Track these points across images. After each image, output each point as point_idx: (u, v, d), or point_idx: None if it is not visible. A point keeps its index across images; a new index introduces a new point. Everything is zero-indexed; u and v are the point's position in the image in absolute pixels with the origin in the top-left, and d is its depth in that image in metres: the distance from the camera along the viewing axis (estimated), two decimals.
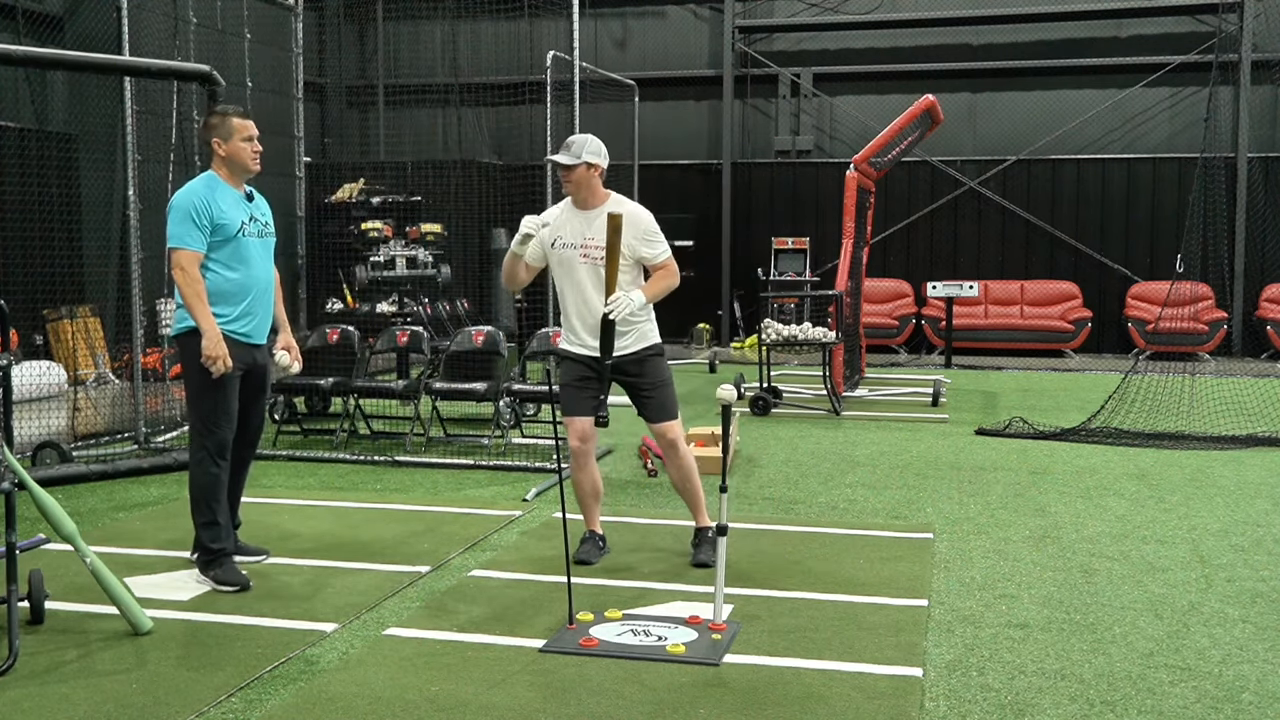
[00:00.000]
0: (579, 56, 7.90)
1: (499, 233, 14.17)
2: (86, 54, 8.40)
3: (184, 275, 4.90)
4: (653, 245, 5.23)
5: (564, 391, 5.31)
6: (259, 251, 5.13)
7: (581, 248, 5.18)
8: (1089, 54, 15.68)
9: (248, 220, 5.07)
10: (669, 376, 5.38)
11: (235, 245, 5.00)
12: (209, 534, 5.03)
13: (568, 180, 5.18)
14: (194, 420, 5.07)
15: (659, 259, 5.25)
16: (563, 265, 5.24)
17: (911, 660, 4.12)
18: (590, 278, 5.16)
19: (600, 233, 5.09)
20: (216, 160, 5.10)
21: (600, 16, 16.91)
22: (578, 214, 5.24)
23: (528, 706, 3.72)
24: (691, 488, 5.40)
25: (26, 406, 8.88)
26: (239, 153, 5.06)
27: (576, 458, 5.36)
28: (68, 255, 10.21)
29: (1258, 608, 4.76)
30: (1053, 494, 6.94)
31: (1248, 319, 14.99)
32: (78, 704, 3.74)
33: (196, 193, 4.96)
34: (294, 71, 10.20)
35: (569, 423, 5.32)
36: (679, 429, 5.36)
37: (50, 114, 11.87)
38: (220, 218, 4.95)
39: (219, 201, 4.98)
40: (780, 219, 16.31)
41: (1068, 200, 15.81)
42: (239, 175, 5.12)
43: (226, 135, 5.04)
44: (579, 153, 5.13)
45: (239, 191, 5.12)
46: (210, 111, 5.19)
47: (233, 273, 5.01)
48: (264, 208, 5.26)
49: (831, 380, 10.35)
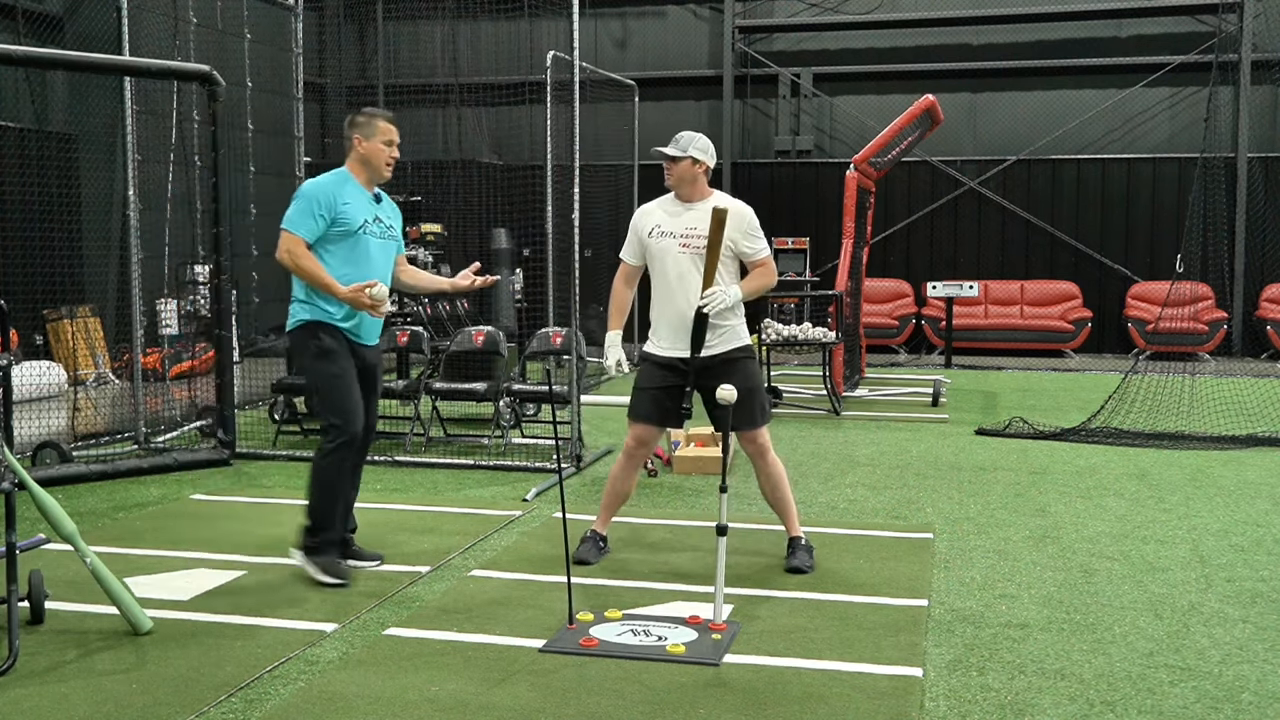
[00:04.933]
0: (579, 56, 7.89)
1: (499, 233, 14.18)
2: (86, 54, 8.40)
3: (290, 256, 4.95)
4: (754, 241, 5.20)
5: (637, 394, 5.26)
6: (378, 253, 5.13)
7: (681, 237, 5.13)
8: (1089, 54, 15.68)
9: (371, 220, 5.08)
10: (758, 382, 5.28)
11: (354, 242, 5.02)
12: (324, 521, 5.06)
13: (670, 173, 5.18)
14: (323, 413, 5.12)
15: (758, 255, 5.21)
16: (659, 256, 5.19)
17: (911, 660, 4.12)
18: (687, 269, 5.11)
19: (700, 223, 5.08)
20: (352, 156, 5.11)
21: (600, 16, 16.91)
22: (678, 205, 5.22)
23: (528, 706, 3.72)
24: (782, 495, 5.31)
25: (26, 406, 8.88)
26: (376, 154, 5.07)
27: (626, 456, 5.34)
28: (68, 255, 10.21)
29: (1258, 608, 4.76)
30: (1053, 494, 6.94)
31: (1248, 319, 14.98)
32: (78, 704, 3.74)
33: (324, 185, 5.01)
34: (294, 71, 10.19)
35: (632, 425, 5.28)
36: (767, 435, 5.24)
37: (50, 114, 11.87)
38: (343, 212, 4.98)
39: (345, 196, 5.01)
40: (780, 219, 16.30)
41: (1068, 200, 15.81)
42: (371, 176, 5.12)
43: (369, 134, 5.06)
44: (686, 147, 5.14)
45: (368, 191, 5.13)
46: (359, 109, 5.19)
47: (347, 268, 5.01)
48: (391, 211, 5.27)
49: (831, 380, 10.34)
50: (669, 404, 5.19)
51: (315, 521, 5.10)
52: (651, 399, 5.21)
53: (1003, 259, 16.02)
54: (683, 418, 5.18)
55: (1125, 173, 15.62)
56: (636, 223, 5.31)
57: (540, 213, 8.03)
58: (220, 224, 7.75)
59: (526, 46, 16.26)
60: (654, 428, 5.27)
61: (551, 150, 8.17)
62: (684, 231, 5.14)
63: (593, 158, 13.41)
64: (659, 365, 5.21)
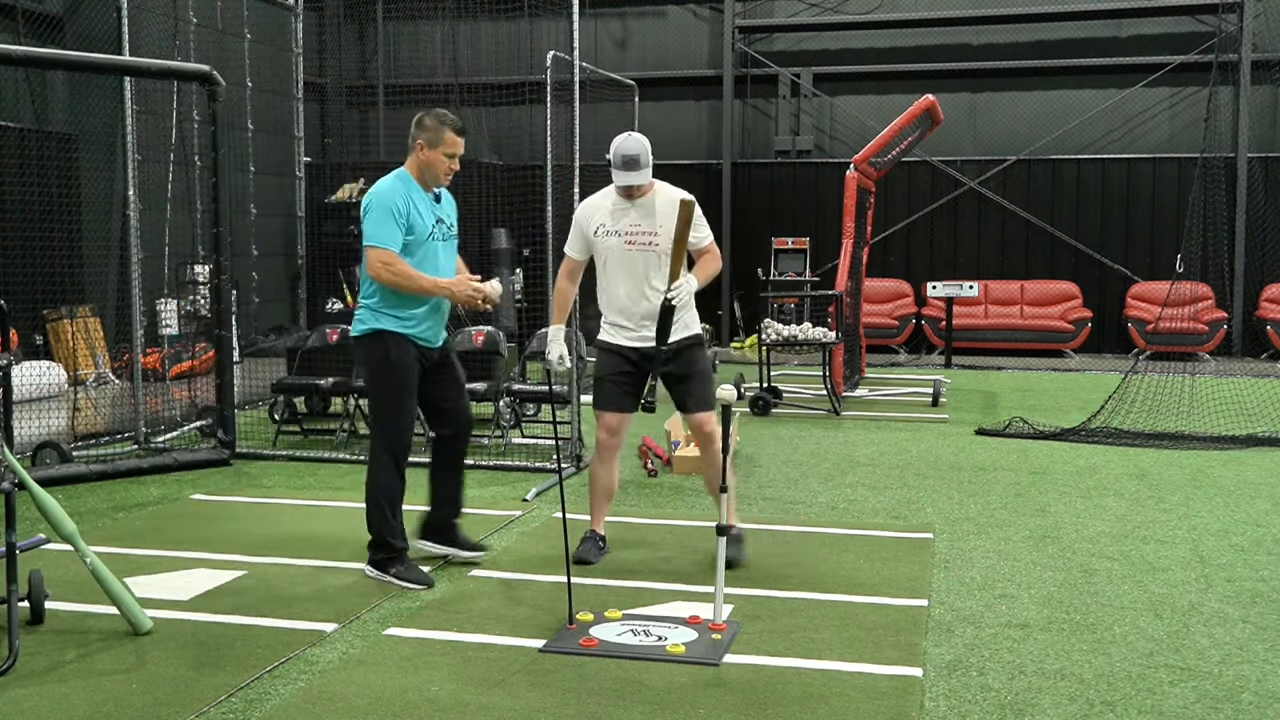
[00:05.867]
0: (579, 56, 7.89)
1: (499, 233, 14.17)
2: (86, 54, 8.40)
3: (387, 270, 4.88)
4: (700, 229, 5.23)
5: (599, 385, 5.30)
6: (444, 255, 5.12)
7: (627, 235, 5.16)
8: (1089, 54, 15.68)
9: (435, 224, 5.07)
10: (708, 368, 5.38)
11: (424, 249, 4.99)
12: (387, 531, 5.07)
13: (637, 193, 5.17)
14: (375, 424, 5.16)
15: (704, 242, 5.26)
16: (604, 252, 5.22)
17: (911, 660, 4.12)
18: (638, 264, 5.14)
19: (644, 219, 5.13)
20: (413, 159, 5.05)
21: (600, 16, 16.91)
22: (622, 202, 5.22)
23: (528, 706, 3.72)
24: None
25: (26, 406, 8.87)
26: (436, 164, 5.01)
27: (601, 451, 5.36)
28: (68, 255, 10.20)
29: (1258, 608, 4.75)
30: (1053, 494, 6.94)
31: (1248, 319, 14.98)
32: (78, 704, 3.74)
33: (397, 191, 4.96)
34: (294, 71, 10.20)
35: (599, 416, 5.31)
36: (715, 422, 5.29)
37: (50, 114, 11.87)
38: (415, 219, 4.96)
39: (414, 203, 4.98)
40: (780, 219, 16.30)
41: (1068, 200, 15.81)
42: (429, 180, 5.09)
43: (433, 142, 4.99)
44: (645, 165, 5.12)
45: (428, 193, 5.10)
46: (428, 111, 5.10)
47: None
48: (450, 209, 5.25)
49: (831, 380, 10.34)
50: (630, 388, 5.23)
51: (374, 536, 5.12)
52: (614, 386, 5.25)
53: (1003, 259, 16.02)
54: (647, 409, 5.20)
55: (1125, 173, 15.62)
56: (580, 218, 5.30)
57: (540, 213, 8.01)
58: (220, 224, 7.75)
59: (526, 46, 16.26)
60: (622, 415, 5.29)
61: (551, 150, 8.15)
62: (629, 230, 5.17)
63: (593, 158, 13.35)
64: (614, 353, 5.26)
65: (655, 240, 5.15)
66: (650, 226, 5.15)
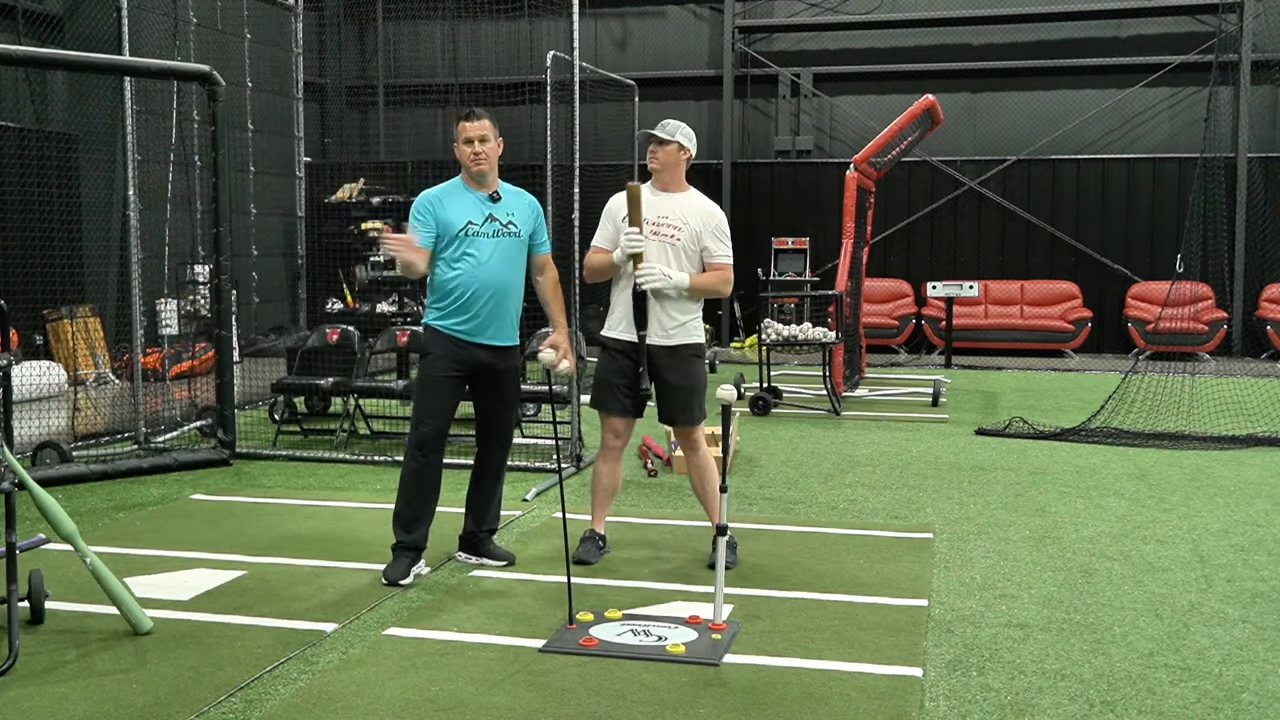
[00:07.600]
0: (579, 56, 7.89)
1: None
2: (86, 54, 8.40)
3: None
4: (718, 243, 5.26)
5: (598, 385, 5.32)
6: (491, 251, 5.13)
7: (652, 224, 5.19)
8: (1089, 54, 15.68)
9: (481, 220, 5.12)
10: (702, 383, 5.36)
11: (459, 243, 5.09)
12: (395, 520, 5.16)
13: (655, 157, 5.26)
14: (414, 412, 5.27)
15: (718, 258, 5.27)
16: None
17: (911, 660, 4.12)
18: (654, 255, 5.16)
19: (673, 213, 5.19)
20: None
21: (600, 16, 16.90)
22: (653, 193, 5.28)
23: (528, 706, 3.72)
24: (711, 489, 5.34)
25: (26, 406, 8.88)
26: (461, 154, 5.16)
27: (605, 450, 5.39)
28: (68, 255, 10.21)
29: (1258, 608, 4.76)
30: (1053, 494, 6.94)
31: (1248, 319, 14.98)
32: (78, 704, 3.74)
33: (426, 195, 5.19)
34: (294, 71, 10.20)
35: (605, 420, 5.35)
36: (702, 433, 5.36)
37: (50, 114, 11.87)
38: (444, 216, 5.09)
39: (447, 202, 5.12)
40: (780, 219, 16.30)
41: (1068, 200, 15.80)
42: (472, 177, 5.18)
43: (455, 137, 5.18)
44: (674, 132, 5.24)
45: (480, 192, 5.18)
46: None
47: (451, 270, 5.09)
48: (513, 207, 5.25)
49: (831, 380, 10.34)
50: (629, 389, 5.24)
51: (394, 522, 5.19)
52: (614, 390, 5.27)
53: (1003, 259, 16.02)
54: (644, 398, 5.22)
55: (1125, 173, 15.61)
56: (612, 207, 5.33)
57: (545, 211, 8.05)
58: (220, 224, 7.75)
59: (526, 46, 16.26)
60: (626, 419, 5.32)
61: (551, 150, 8.17)
62: (656, 219, 5.20)
63: (593, 158, 13.39)
64: (615, 351, 5.27)
65: (678, 237, 5.20)
66: (676, 221, 5.21)
